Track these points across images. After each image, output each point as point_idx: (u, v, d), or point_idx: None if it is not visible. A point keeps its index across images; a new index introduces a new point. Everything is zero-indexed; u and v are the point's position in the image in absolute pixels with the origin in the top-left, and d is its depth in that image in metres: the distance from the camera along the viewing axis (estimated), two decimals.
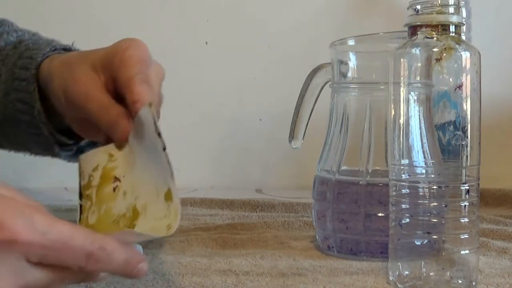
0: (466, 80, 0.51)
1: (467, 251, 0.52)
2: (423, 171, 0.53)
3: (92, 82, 0.56)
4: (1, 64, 0.66)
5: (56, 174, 1.05)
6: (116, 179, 0.50)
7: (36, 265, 0.39)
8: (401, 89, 0.52)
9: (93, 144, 0.64)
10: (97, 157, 0.52)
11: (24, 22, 0.73)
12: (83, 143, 0.65)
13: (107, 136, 0.54)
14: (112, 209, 0.48)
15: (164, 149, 0.45)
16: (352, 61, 0.64)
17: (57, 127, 0.63)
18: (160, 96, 0.57)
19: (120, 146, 0.51)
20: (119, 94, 0.54)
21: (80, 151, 0.63)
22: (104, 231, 0.46)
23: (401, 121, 0.52)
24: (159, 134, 0.46)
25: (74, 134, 0.63)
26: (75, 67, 0.57)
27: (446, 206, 0.52)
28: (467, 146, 0.51)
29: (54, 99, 0.60)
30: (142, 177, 0.47)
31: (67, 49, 0.66)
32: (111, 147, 0.52)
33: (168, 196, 0.44)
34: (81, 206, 0.51)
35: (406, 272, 0.53)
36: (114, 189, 0.49)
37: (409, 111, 0.53)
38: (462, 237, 0.51)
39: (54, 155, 0.67)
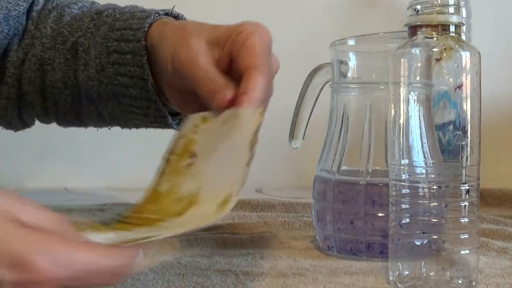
0: (466, 80, 0.51)
1: (467, 251, 0.52)
2: (423, 171, 0.53)
3: (203, 52, 0.54)
4: (83, 40, 0.64)
5: (56, 174, 1.05)
6: (193, 155, 0.49)
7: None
8: (401, 89, 0.52)
9: None
10: (187, 122, 0.52)
11: None
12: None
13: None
14: (180, 186, 0.48)
15: (247, 164, 0.45)
16: (352, 61, 0.64)
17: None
18: (271, 88, 0.57)
19: (205, 119, 0.51)
20: (231, 75, 0.54)
21: None
22: (166, 206, 0.46)
23: (401, 121, 0.52)
24: (251, 148, 0.45)
25: None
26: (189, 35, 0.56)
27: (446, 206, 0.52)
28: (467, 146, 0.51)
29: (159, 67, 0.58)
30: (212, 169, 0.47)
31: (168, 14, 0.63)
32: (197, 117, 0.51)
33: (224, 203, 0.44)
34: (166, 161, 0.50)
35: (406, 272, 0.53)
36: (188, 165, 0.49)
37: (409, 111, 0.53)
38: (462, 237, 0.51)
39: (164, 126, 0.65)
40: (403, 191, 0.52)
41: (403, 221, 0.52)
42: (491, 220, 0.76)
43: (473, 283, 0.52)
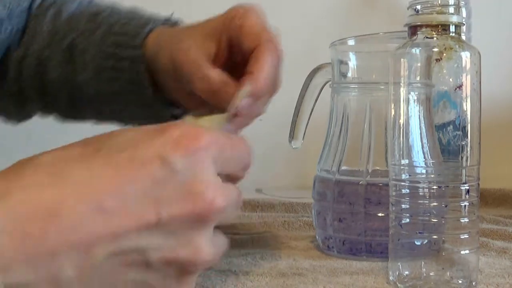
0: (466, 80, 0.51)
1: (467, 251, 0.52)
2: (423, 171, 0.53)
3: (199, 50, 0.54)
4: (79, 40, 0.63)
5: None
6: None
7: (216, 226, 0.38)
8: (401, 89, 0.52)
9: None
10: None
11: None
12: None
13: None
14: None
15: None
16: (352, 61, 0.64)
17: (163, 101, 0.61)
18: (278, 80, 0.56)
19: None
20: (236, 61, 0.53)
21: None
22: None
23: (401, 121, 0.52)
24: (226, 119, 0.47)
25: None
26: (181, 40, 0.56)
27: (446, 206, 0.52)
28: (467, 146, 0.51)
29: (162, 76, 0.58)
30: None
31: (167, 22, 0.63)
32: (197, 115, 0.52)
33: None
34: None
35: (406, 272, 0.53)
36: None
37: (409, 111, 0.53)
38: (462, 237, 0.51)
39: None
40: (403, 191, 0.52)
41: (403, 221, 0.52)
42: (491, 220, 0.76)
43: (473, 283, 0.52)
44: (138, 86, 0.60)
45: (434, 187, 0.52)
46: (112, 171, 0.34)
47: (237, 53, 0.54)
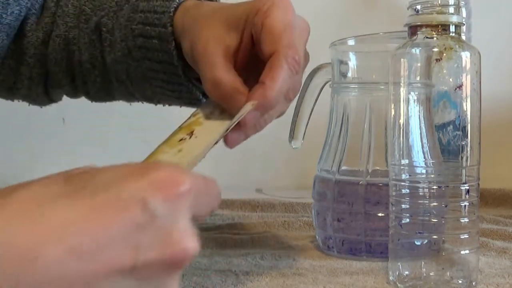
0: (466, 80, 0.51)
1: (467, 251, 0.52)
2: (423, 171, 0.54)
3: (218, 45, 0.52)
4: (106, 19, 0.62)
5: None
6: (191, 133, 0.49)
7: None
8: (401, 89, 0.52)
9: None
10: (207, 104, 0.52)
11: None
12: None
13: None
14: (162, 154, 0.47)
15: (215, 143, 0.46)
16: (352, 61, 0.64)
17: (193, 80, 0.60)
18: (306, 56, 0.54)
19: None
20: (259, 56, 0.51)
21: None
22: None
23: (401, 121, 0.52)
24: (226, 130, 0.46)
25: None
26: (205, 25, 0.53)
27: (446, 206, 0.52)
28: (467, 146, 0.51)
29: (186, 56, 0.56)
30: (199, 155, 0.47)
31: None
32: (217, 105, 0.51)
33: None
34: (172, 133, 0.50)
35: (406, 272, 0.53)
36: (181, 140, 0.49)
37: (409, 111, 0.53)
38: (462, 237, 0.51)
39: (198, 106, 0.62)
40: (403, 191, 0.52)
41: (403, 221, 0.52)
42: (491, 220, 0.76)
43: (473, 283, 0.52)
44: (168, 65, 0.58)
45: (434, 187, 0.52)
46: (92, 213, 0.33)
47: (259, 50, 0.51)
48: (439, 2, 0.52)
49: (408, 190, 0.52)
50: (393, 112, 0.53)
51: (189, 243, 0.35)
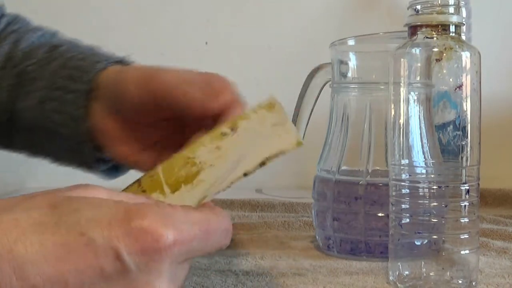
0: (466, 80, 0.51)
1: (467, 251, 0.52)
2: (423, 171, 0.54)
3: (184, 74, 0.53)
4: (32, 69, 0.62)
5: (56, 174, 1.05)
6: (234, 128, 0.46)
7: (182, 262, 0.36)
8: (401, 89, 0.52)
9: (115, 170, 0.62)
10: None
11: None
12: (108, 166, 0.62)
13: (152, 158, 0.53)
14: (200, 147, 0.45)
15: (245, 175, 0.44)
16: (352, 61, 0.64)
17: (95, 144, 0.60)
18: None
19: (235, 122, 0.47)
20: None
21: (115, 168, 0.61)
22: (174, 163, 0.45)
23: (401, 121, 0.52)
24: (261, 164, 0.44)
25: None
26: (160, 69, 0.54)
27: (446, 206, 0.52)
28: (467, 146, 0.51)
29: (125, 105, 0.56)
30: (232, 154, 0.44)
31: (121, 61, 0.61)
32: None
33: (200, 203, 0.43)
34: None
35: (406, 272, 0.53)
36: (222, 134, 0.45)
37: (409, 111, 0.53)
38: (462, 237, 0.51)
39: (89, 170, 0.63)
40: (403, 191, 0.52)
41: (403, 221, 0.52)
42: (491, 220, 0.76)
43: (473, 283, 0.52)
44: (74, 120, 0.59)
45: (434, 187, 0.52)
46: (63, 254, 0.33)
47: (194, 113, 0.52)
48: (439, 2, 0.52)
49: (408, 190, 0.52)
50: (393, 112, 0.53)
51: None
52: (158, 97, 0.53)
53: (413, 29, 0.53)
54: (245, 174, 0.45)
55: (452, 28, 0.52)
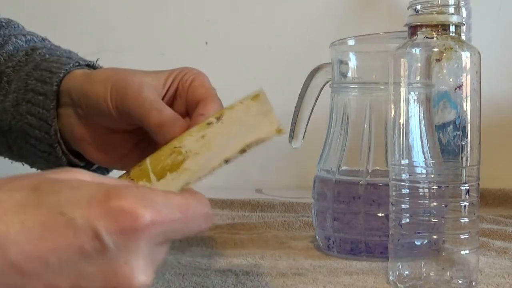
0: (466, 80, 0.51)
1: (467, 251, 0.52)
2: (423, 171, 0.54)
3: (148, 86, 0.53)
4: (11, 71, 0.63)
5: None
6: (220, 118, 0.47)
7: (160, 244, 0.37)
8: (401, 89, 0.52)
9: (104, 169, 0.62)
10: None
11: (22, 23, 0.73)
12: (94, 167, 0.62)
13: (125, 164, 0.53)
14: (185, 137, 0.46)
15: (226, 161, 0.44)
16: (352, 61, 0.64)
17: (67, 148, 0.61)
18: None
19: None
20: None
21: (101, 167, 0.61)
22: (162, 153, 0.45)
23: (401, 121, 0.52)
24: (242, 151, 0.45)
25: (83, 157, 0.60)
26: (128, 74, 0.55)
27: (446, 206, 0.52)
28: (467, 146, 0.51)
29: (89, 109, 0.57)
30: (216, 144, 0.45)
31: (90, 65, 0.62)
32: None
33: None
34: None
35: (406, 272, 0.53)
36: (208, 124, 0.46)
37: (409, 111, 0.53)
38: (462, 237, 0.51)
39: None
40: (403, 191, 0.52)
41: (403, 221, 0.52)
42: (491, 220, 0.76)
43: (473, 283, 0.52)
44: (45, 122, 0.60)
45: (434, 187, 0.52)
46: (44, 234, 0.33)
47: (179, 105, 0.54)
48: (439, 2, 0.52)
49: (408, 190, 0.52)
50: (393, 112, 0.53)
51: (139, 279, 0.35)
52: (123, 101, 0.53)
53: (413, 29, 0.53)
54: (226, 161, 0.45)
55: (452, 28, 0.52)
